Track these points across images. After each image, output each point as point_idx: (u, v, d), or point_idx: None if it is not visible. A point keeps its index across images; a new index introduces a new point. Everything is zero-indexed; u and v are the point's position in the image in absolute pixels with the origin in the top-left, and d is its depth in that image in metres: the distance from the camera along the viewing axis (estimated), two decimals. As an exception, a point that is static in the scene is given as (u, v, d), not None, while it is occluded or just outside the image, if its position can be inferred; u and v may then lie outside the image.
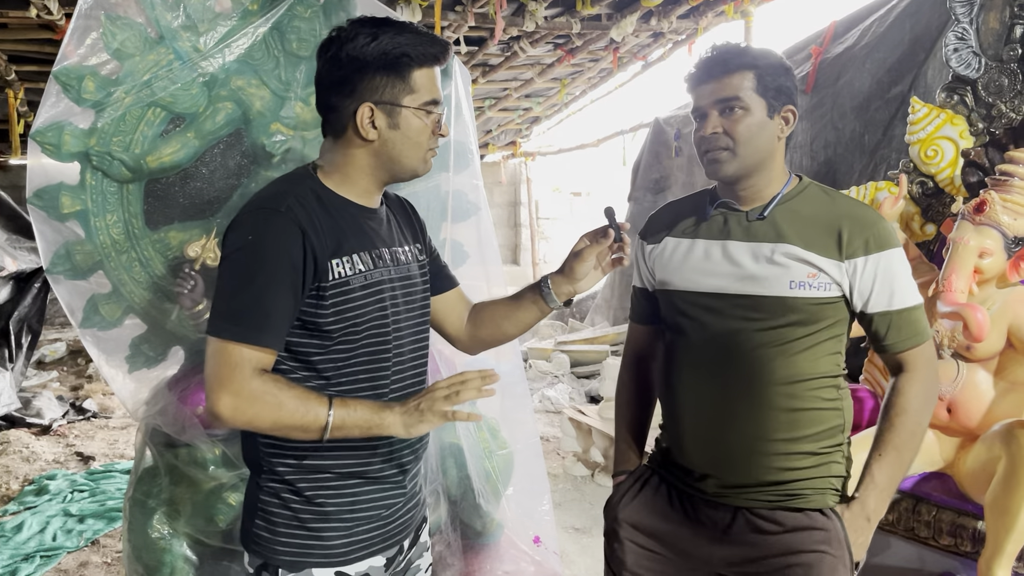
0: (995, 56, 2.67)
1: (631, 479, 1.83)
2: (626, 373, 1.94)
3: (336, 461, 1.47)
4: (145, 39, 2.17)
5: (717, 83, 1.60)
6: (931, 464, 2.36)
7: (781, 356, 1.60)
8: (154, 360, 2.41)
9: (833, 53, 4.03)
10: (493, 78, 7.08)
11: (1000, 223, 2.22)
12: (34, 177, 2.22)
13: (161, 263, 2.30)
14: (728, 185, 1.67)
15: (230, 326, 1.37)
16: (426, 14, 4.74)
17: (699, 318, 1.67)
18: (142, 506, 2.36)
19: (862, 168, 3.76)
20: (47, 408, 6.26)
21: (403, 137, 1.47)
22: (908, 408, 1.61)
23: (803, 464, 1.62)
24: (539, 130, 11.00)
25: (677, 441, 1.72)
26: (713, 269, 1.66)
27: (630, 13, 5.45)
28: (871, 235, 1.59)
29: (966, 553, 2.20)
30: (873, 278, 1.58)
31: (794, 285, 1.58)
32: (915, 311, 1.62)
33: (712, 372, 1.66)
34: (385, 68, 1.43)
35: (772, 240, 1.61)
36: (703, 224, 1.71)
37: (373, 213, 1.54)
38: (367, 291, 1.46)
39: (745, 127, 1.59)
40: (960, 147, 2.65)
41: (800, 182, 1.69)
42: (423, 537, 1.68)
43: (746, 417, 1.61)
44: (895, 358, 1.64)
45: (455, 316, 1.75)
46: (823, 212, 1.63)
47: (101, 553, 3.89)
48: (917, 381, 1.63)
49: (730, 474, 1.64)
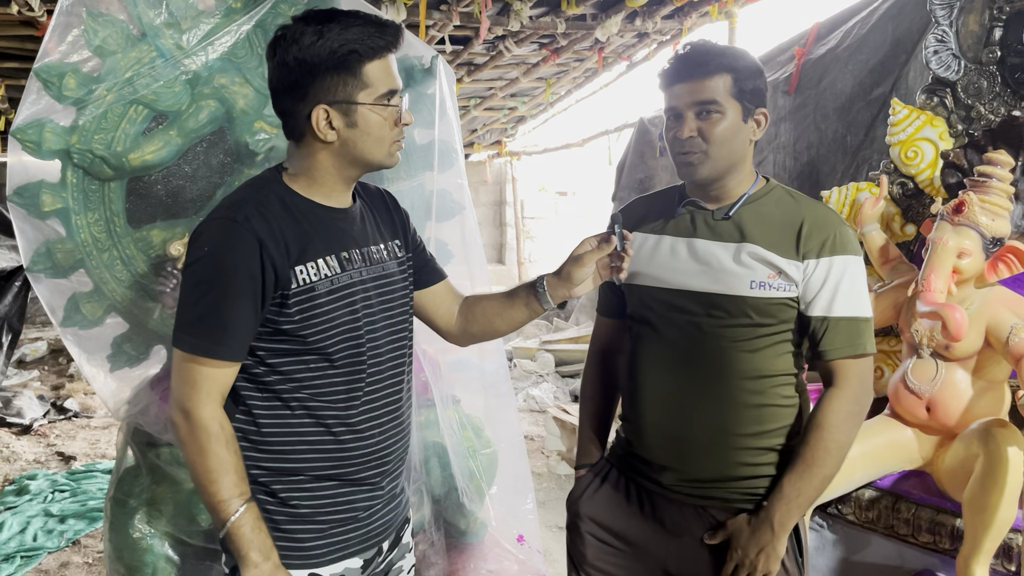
0: (974, 59, 2.70)
1: (592, 473, 1.85)
2: (591, 367, 1.96)
3: (311, 464, 1.46)
4: (127, 36, 2.16)
5: (695, 84, 1.59)
6: (910, 462, 2.39)
7: (742, 352, 1.62)
8: (136, 359, 2.39)
9: (816, 54, 4.05)
10: (478, 77, 7.07)
11: (978, 224, 2.25)
12: (14, 175, 2.21)
13: (143, 261, 2.29)
14: (698, 185, 1.68)
15: (188, 338, 1.38)
16: (411, 13, 4.72)
17: (664, 313, 1.69)
18: (123, 506, 2.34)
19: (844, 169, 3.78)
20: (28, 407, 6.21)
21: (363, 134, 1.44)
22: (825, 423, 1.59)
23: (760, 460, 1.64)
24: (524, 129, 10.99)
25: (639, 433, 1.74)
26: (679, 266, 1.68)
27: (615, 13, 5.46)
28: (828, 237, 1.60)
29: (945, 550, 2.22)
30: (822, 280, 1.59)
31: (754, 285, 1.60)
32: (856, 322, 1.61)
33: (676, 366, 1.68)
34: (335, 67, 1.39)
35: (736, 240, 1.63)
36: (671, 221, 1.72)
37: (344, 213, 1.52)
38: (335, 295, 1.44)
39: (721, 131, 1.59)
40: (940, 148, 2.67)
41: (767, 184, 1.71)
42: (405, 538, 1.67)
43: (708, 410, 1.64)
44: (827, 367, 1.64)
45: (444, 309, 1.73)
46: (786, 213, 1.64)
47: (82, 553, 3.86)
48: (842, 398, 1.61)
49: (690, 467, 1.67)
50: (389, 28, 1.43)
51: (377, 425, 1.52)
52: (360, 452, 1.50)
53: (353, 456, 1.49)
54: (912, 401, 2.33)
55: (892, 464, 2.38)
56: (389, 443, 1.55)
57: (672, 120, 1.65)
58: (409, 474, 1.68)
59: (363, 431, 1.50)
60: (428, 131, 2.40)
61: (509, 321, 1.70)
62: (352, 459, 1.49)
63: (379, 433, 1.52)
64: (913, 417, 2.35)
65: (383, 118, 1.44)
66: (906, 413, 2.37)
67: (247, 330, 1.39)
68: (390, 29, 1.43)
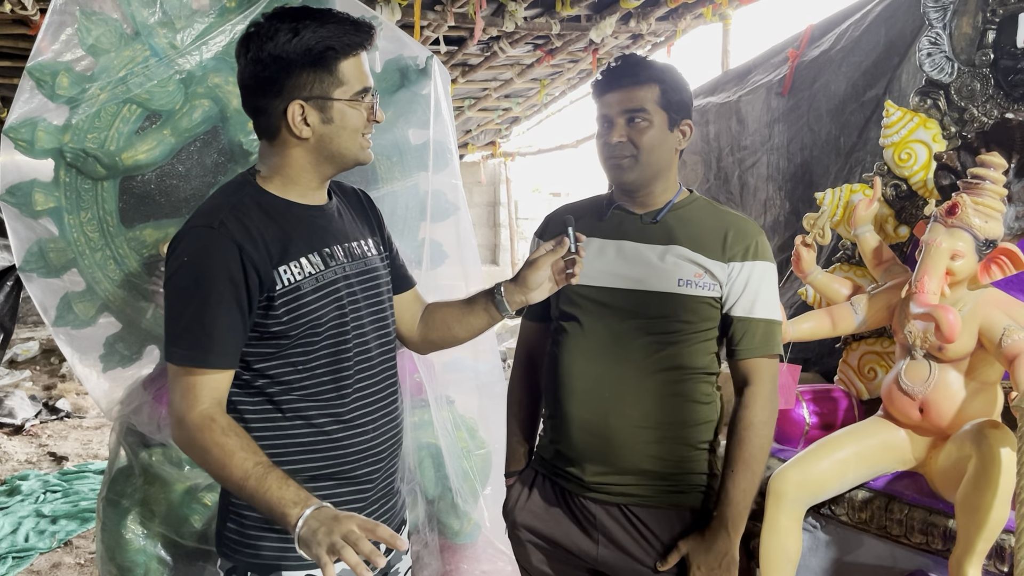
0: (968, 61, 2.71)
1: (521, 482, 1.90)
2: (519, 371, 2.00)
3: (305, 465, 1.46)
4: (121, 35, 2.15)
5: (625, 93, 1.69)
6: (903, 463, 2.39)
7: (666, 347, 1.70)
8: (129, 359, 2.39)
9: (809, 56, 4.05)
10: (472, 78, 7.07)
11: (972, 226, 2.25)
12: (7, 174, 2.20)
13: (136, 261, 2.28)
14: (626, 191, 1.76)
15: (177, 350, 1.38)
16: (405, 13, 4.72)
17: (591, 310, 1.75)
18: (116, 506, 2.34)
19: (837, 170, 3.79)
20: (19, 408, 6.18)
21: (339, 129, 1.44)
22: (755, 422, 1.70)
23: (677, 455, 1.72)
24: (519, 130, 10.99)
25: (562, 428, 1.78)
26: (606, 265, 1.75)
27: (609, 15, 5.47)
28: (751, 244, 1.71)
29: (937, 551, 2.23)
30: (745, 284, 1.70)
31: (682, 283, 1.69)
32: (772, 324, 1.73)
33: (600, 360, 1.73)
34: (311, 64, 1.39)
35: (664, 242, 1.72)
36: (600, 224, 1.80)
37: (321, 210, 1.52)
38: (321, 292, 1.44)
39: (648, 137, 1.69)
40: (933, 151, 2.68)
41: (691, 194, 1.81)
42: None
43: (630, 403, 1.70)
44: (743, 365, 1.74)
45: (408, 316, 1.73)
46: (710, 220, 1.75)
47: (74, 554, 3.85)
48: (761, 395, 1.72)
49: (611, 459, 1.72)
50: (363, 26, 1.44)
51: (369, 418, 1.52)
52: (353, 447, 1.50)
53: (347, 452, 1.49)
54: (905, 402, 2.33)
55: (885, 465, 2.38)
56: (382, 436, 1.54)
57: (604, 127, 1.73)
58: (404, 475, 1.68)
59: (355, 425, 1.50)
60: (423, 131, 2.41)
61: (468, 328, 1.68)
62: (346, 456, 1.49)
63: (371, 426, 1.52)
64: (906, 418, 2.36)
65: (358, 113, 1.45)
66: (899, 414, 2.37)
67: (235, 335, 1.39)
68: (363, 27, 1.44)
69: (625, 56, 1.73)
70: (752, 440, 1.69)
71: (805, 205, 3.87)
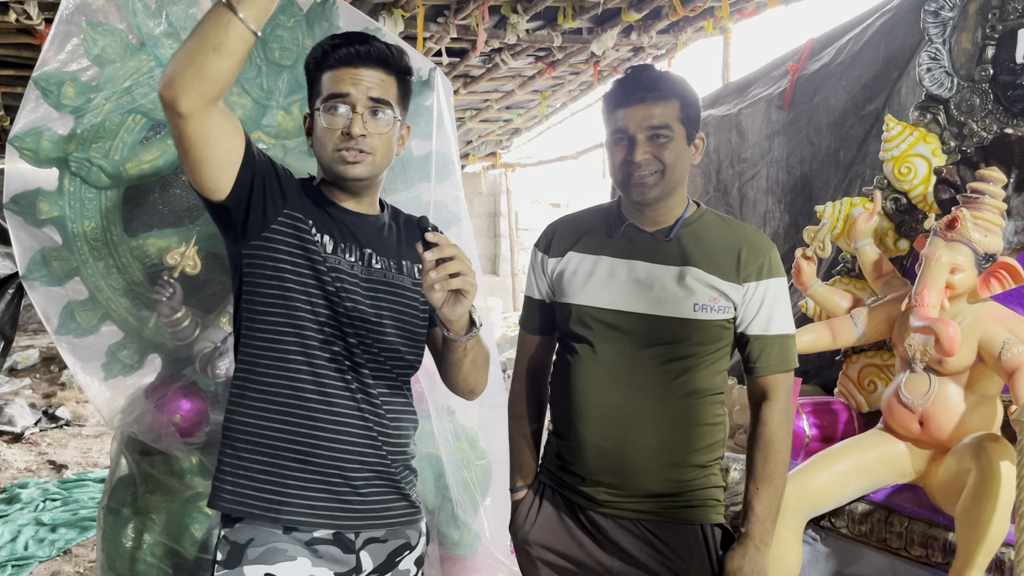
0: (967, 76, 2.73)
1: (530, 496, 1.85)
2: (521, 385, 1.93)
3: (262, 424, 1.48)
4: (126, 45, 2.16)
5: (647, 108, 1.62)
6: (903, 476, 2.39)
7: (681, 374, 1.67)
8: (131, 368, 2.39)
9: (810, 70, 4.08)
10: (474, 89, 7.10)
11: (971, 240, 2.26)
12: (11, 182, 2.21)
13: (139, 270, 2.29)
14: (640, 207, 1.70)
15: None
16: (408, 25, 4.75)
17: (604, 334, 1.71)
18: (116, 515, 2.34)
19: (837, 184, 3.81)
20: (19, 415, 6.17)
21: (316, 140, 1.52)
22: (774, 438, 1.69)
23: (690, 477, 1.69)
24: (519, 141, 11.02)
25: (576, 451, 1.74)
26: (618, 287, 1.70)
27: (611, 27, 5.49)
28: (765, 261, 1.68)
29: (937, 564, 2.23)
30: (760, 302, 1.67)
31: (697, 308, 1.65)
32: (788, 339, 1.71)
33: (615, 385, 1.69)
34: (308, 78, 1.53)
35: (678, 263, 1.67)
36: (608, 242, 1.74)
37: (358, 217, 1.55)
38: (307, 261, 1.47)
39: (672, 153, 1.64)
40: (933, 165, 2.69)
41: (699, 208, 1.76)
42: (403, 564, 1.60)
43: (646, 431, 1.67)
44: (761, 382, 1.73)
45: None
46: (722, 237, 1.70)
47: (73, 563, 3.84)
48: (779, 410, 1.71)
49: (625, 484, 1.69)
50: (352, 40, 1.50)
51: (334, 411, 1.48)
52: (315, 428, 1.47)
53: (309, 430, 1.47)
54: (905, 415, 2.34)
55: (885, 478, 2.38)
56: (347, 436, 1.49)
57: (623, 143, 1.65)
58: (417, 495, 1.61)
59: (317, 406, 1.47)
60: (425, 143, 2.41)
61: (452, 365, 1.54)
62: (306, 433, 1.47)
63: (334, 417, 1.48)
64: (906, 431, 2.36)
65: (323, 124, 1.49)
66: (899, 427, 2.38)
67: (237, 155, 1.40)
68: (352, 41, 1.49)
69: (639, 68, 1.66)
70: (773, 456, 1.69)
71: (805, 218, 3.89)
